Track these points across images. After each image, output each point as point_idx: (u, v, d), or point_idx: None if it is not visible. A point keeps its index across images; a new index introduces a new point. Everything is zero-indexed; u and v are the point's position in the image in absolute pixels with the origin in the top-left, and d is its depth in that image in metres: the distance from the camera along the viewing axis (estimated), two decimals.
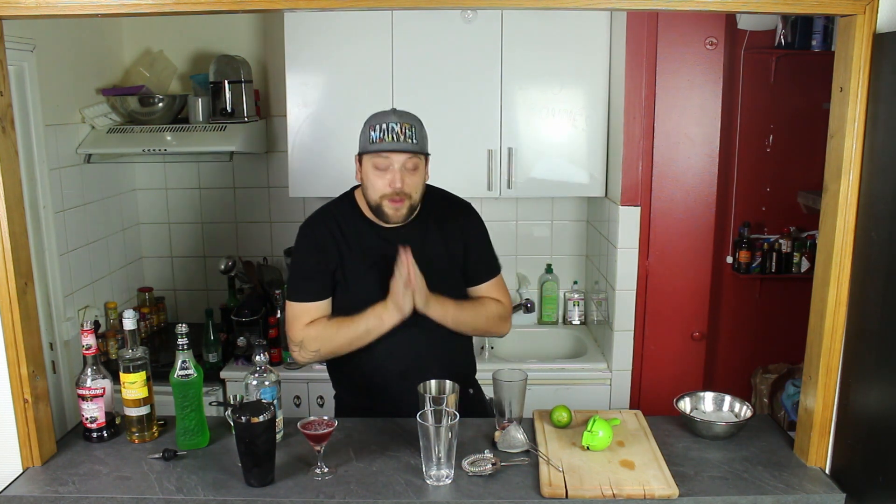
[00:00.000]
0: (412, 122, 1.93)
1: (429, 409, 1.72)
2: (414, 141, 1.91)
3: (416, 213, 2.02)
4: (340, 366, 2.12)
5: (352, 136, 3.02)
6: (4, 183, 1.69)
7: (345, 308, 2.02)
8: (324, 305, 2.04)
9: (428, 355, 2.04)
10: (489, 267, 2.16)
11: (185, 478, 1.72)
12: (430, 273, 1.99)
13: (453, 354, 2.13)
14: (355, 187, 2.11)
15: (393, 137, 1.89)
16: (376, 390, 2.08)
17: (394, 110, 1.97)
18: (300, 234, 2.08)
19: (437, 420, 1.67)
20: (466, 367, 2.22)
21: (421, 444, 1.68)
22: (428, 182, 2.06)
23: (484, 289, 2.14)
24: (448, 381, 1.86)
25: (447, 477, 1.68)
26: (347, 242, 2.03)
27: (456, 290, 2.11)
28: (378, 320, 1.95)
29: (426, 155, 1.99)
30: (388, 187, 1.92)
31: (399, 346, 2.01)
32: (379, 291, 1.98)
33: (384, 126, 1.90)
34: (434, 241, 2.06)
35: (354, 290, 2.03)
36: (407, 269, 1.88)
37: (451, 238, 2.09)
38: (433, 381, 1.86)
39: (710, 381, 3.16)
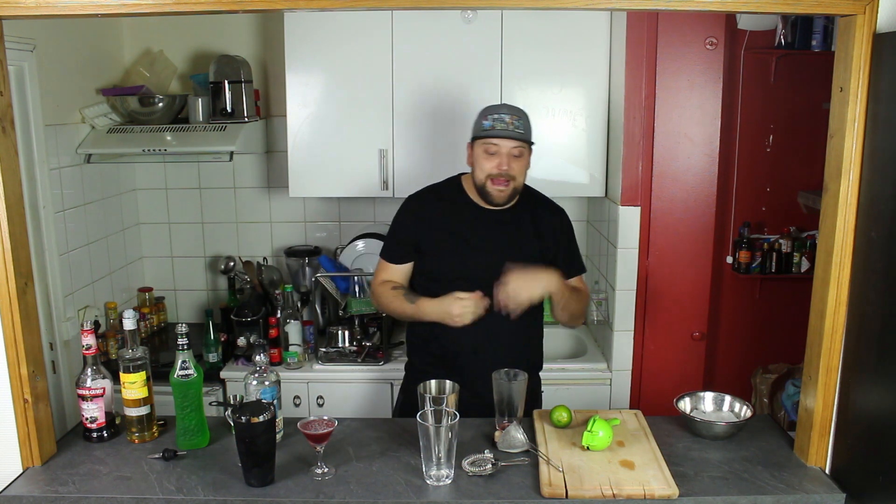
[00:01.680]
0: (520, 115, 2.12)
1: (429, 409, 1.72)
2: (521, 130, 2.10)
3: (516, 199, 2.20)
4: (417, 331, 2.29)
5: (352, 136, 3.05)
6: (4, 183, 1.69)
7: (432, 273, 2.22)
8: (401, 269, 2.26)
9: (501, 336, 2.18)
10: (576, 265, 2.32)
11: (185, 478, 1.72)
12: (520, 257, 2.13)
13: (525, 342, 2.27)
14: (462, 173, 2.29)
15: (503, 126, 2.08)
16: (448, 360, 2.21)
17: (505, 104, 2.17)
18: (406, 200, 2.31)
19: (437, 420, 1.67)
20: (535, 357, 2.33)
21: (421, 444, 1.68)
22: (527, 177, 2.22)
23: (572, 283, 2.26)
24: (448, 381, 1.86)
25: (447, 477, 1.68)
26: (444, 215, 2.22)
27: None
28: (420, 314, 2.16)
29: (531, 144, 2.15)
30: (495, 168, 2.10)
31: (476, 323, 2.09)
32: (460, 261, 2.18)
33: (496, 116, 2.10)
34: (527, 231, 2.22)
35: (438, 256, 2.21)
36: (508, 296, 2.03)
37: (544, 233, 2.24)
38: (433, 381, 1.87)
39: (710, 381, 3.17)
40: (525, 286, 2.02)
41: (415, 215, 2.26)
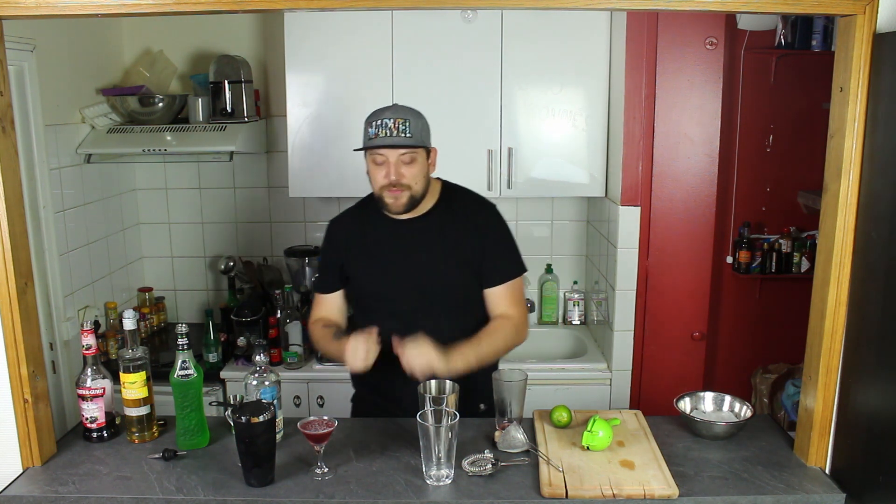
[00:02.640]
0: (406, 117, 1.95)
1: (429, 409, 1.72)
2: (408, 134, 1.94)
3: (423, 204, 2.04)
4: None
5: (352, 136, 3.04)
6: (4, 183, 1.69)
7: (357, 297, 2.17)
8: (332, 300, 2.19)
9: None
10: (505, 271, 2.08)
11: (185, 478, 1.72)
12: (443, 268, 2.04)
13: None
14: None
15: (387, 133, 1.93)
16: (385, 390, 2.10)
17: (392, 105, 2.01)
18: (329, 224, 2.22)
19: (437, 420, 1.67)
20: (483, 383, 2.02)
21: (421, 443, 1.68)
22: (436, 175, 2.11)
23: (496, 292, 2.08)
24: (448, 381, 1.85)
25: (447, 477, 1.68)
26: (361, 235, 2.12)
27: (466, 288, 2.09)
28: (341, 355, 1.96)
29: (424, 148, 1.99)
30: (384, 179, 1.98)
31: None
32: (381, 281, 2.09)
33: (378, 122, 1.95)
34: (449, 235, 2.06)
35: (360, 279, 2.12)
36: (407, 364, 1.85)
37: (468, 235, 2.06)
38: (433, 381, 1.86)
39: (710, 381, 3.16)
40: (419, 356, 1.84)
41: (335, 240, 2.17)
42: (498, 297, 2.09)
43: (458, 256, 2.06)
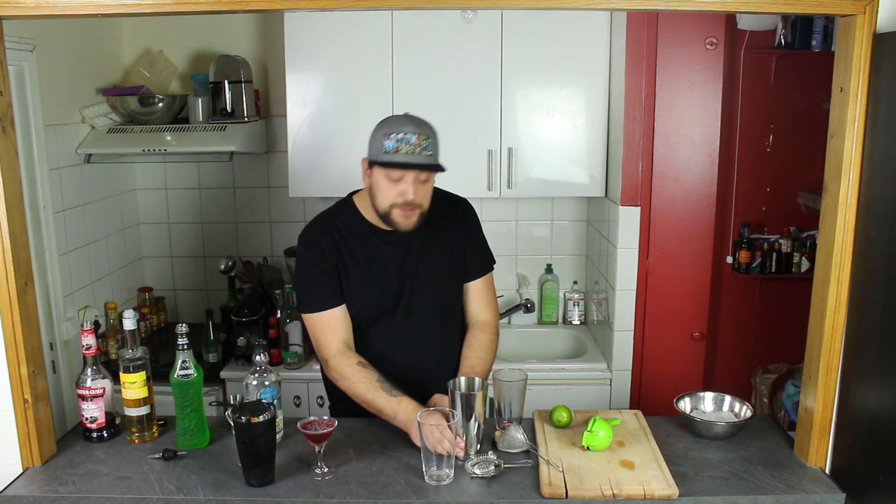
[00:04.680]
0: (428, 133, 1.85)
1: (458, 405, 1.74)
2: (429, 152, 1.84)
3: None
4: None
5: (352, 136, 3.05)
6: (4, 183, 1.69)
7: (364, 307, 1.99)
8: (341, 313, 1.97)
9: (430, 378, 1.98)
10: (483, 262, 2.15)
11: (185, 478, 1.72)
12: (432, 273, 2.02)
13: (446, 363, 2.08)
14: (352, 193, 2.08)
15: (409, 149, 1.81)
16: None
17: (408, 117, 1.89)
18: (301, 242, 2.01)
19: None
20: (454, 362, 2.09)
21: (421, 444, 1.68)
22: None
23: (476, 285, 2.13)
24: (477, 379, 1.87)
25: (447, 477, 1.68)
26: (349, 248, 1.99)
27: (455, 291, 2.12)
28: (393, 415, 1.85)
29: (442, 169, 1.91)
30: (399, 197, 1.86)
31: (401, 355, 2.02)
32: (379, 296, 1.99)
33: (400, 136, 1.81)
34: (436, 240, 2.04)
35: (357, 295, 1.99)
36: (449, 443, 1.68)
37: (452, 237, 2.07)
38: (463, 378, 1.86)
39: (710, 381, 3.16)
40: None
41: (323, 249, 1.97)
42: (475, 292, 2.13)
43: (449, 261, 2.07)
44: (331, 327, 1.96)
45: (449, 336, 2.10)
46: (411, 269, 2.02)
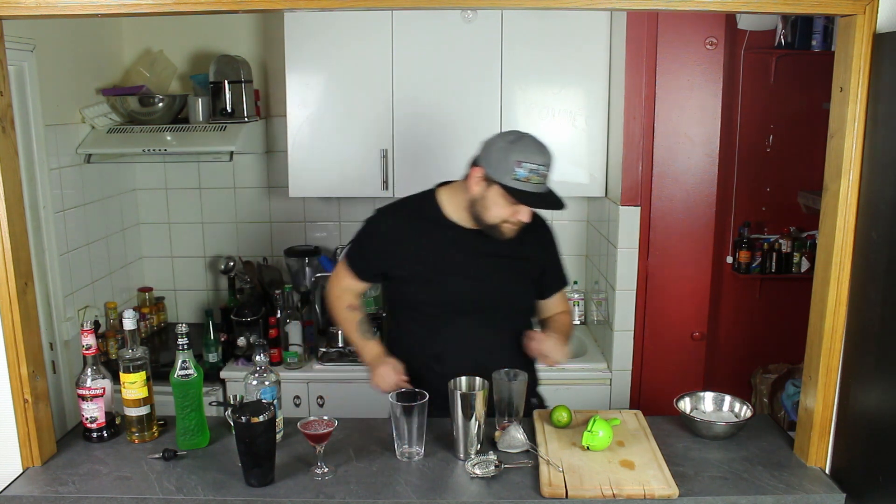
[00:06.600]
0: (551, 161, 1.90)
1: (458, 404, 1.77)
2: (550, 187, 1.93)
3: None
4: (399, 351, 2.13)
5: (352, 136, 3.05)
6: (4, 183, 1.68)
7: (428, 302, 2.07)
8: (363, 286, 2.19)
9: (489, 365, 1.97)
10: (560, 279, 2.25)
11: (185, 478, 1.72)
12: (503, 276, 2.07)
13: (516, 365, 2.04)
14: (440, 185, 2.13)
15: (538, 181, 1.87)
16: (426, 382, 1.99)
17: (537, 143, 1.89)
18: (379, 214, 2.12)
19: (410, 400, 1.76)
20: (533, 380, 2.17)
21: (392, 423, 1.77)
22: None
23: (554, 300, 2.23)
24: (478, 379, 1.87)
25: (417, 455, 1.78)
26: (416, 240, 2.06)
27: (524, 297, 2.16)
28: (361, 354, 2.18)
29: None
30: (513, 216, 1.93)
31: (461, 353, 2.03)
32: (453, 288, 2.05)
33: (533, 167, 1.84)
34: (512, 247, 2.05)
35: (414, 285, 2.07)
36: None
37: (529, 248, 2.10)
38: (463, 378, 1.87)
39: (710, 381, 3.16)
40: (553, 349, 2.02)
41: (383, 234, 2.09)
42: (555, 302, 2.25)
43: (520, 268, 2.11)
44: (345, 284, 2.18)
45: (506, 341, 2.10)
46: (480, 276, 2.05)
